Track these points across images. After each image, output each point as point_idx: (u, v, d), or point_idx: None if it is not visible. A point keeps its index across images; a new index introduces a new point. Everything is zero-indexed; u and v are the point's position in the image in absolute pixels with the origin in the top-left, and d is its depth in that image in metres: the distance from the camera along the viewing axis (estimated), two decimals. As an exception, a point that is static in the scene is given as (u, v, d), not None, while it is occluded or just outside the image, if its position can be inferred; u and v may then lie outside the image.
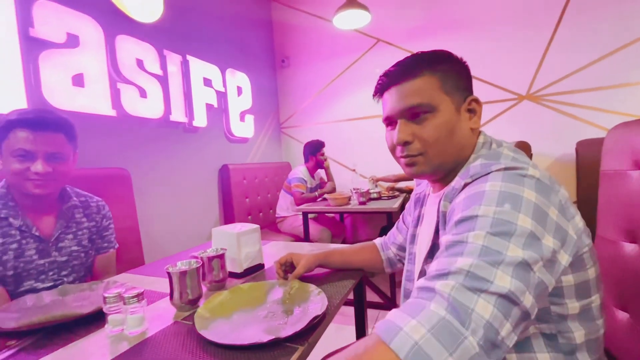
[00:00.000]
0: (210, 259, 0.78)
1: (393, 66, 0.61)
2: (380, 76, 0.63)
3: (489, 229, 0.40)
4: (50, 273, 0.94)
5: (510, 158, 0.51)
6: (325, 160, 2.66)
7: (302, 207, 2.28)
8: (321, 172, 2.80)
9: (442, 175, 0.61)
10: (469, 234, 0.41)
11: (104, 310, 0.61)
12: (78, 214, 1.02)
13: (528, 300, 0.37)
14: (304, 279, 0.79)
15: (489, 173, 0.47)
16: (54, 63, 1.38)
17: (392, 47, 2.85)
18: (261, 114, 3.00)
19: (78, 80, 1.48)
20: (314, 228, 2.37)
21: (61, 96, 1.41)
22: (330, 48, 3.09)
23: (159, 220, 1.92)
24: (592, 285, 0.47)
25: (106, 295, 0.61)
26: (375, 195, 2.38)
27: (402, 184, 2.70)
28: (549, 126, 2.39)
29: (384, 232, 2.62)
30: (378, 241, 0.92)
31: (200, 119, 2.21)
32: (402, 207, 2.25)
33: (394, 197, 2.46)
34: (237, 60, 2.70)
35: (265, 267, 0.95)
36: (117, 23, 1.68)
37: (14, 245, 0.87)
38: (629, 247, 0.73)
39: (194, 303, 0.70)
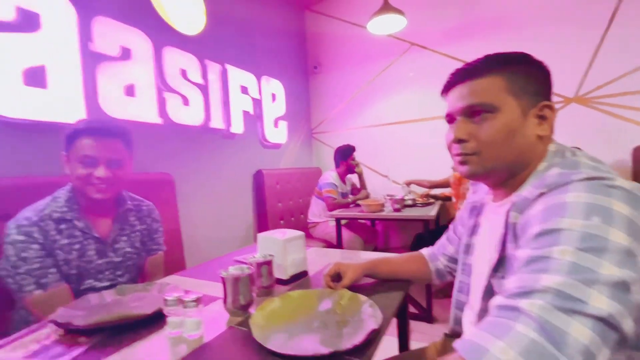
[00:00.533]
0: (260, 264, 0.79)
1: (464, 65, 0.59)
2: (450, 74, 0.62)
3: (578, 244, 0.37)
4: (107, 272, 0.99)
5: (591, 167, 0.47)
6: (357, 165, 2.64)
7: (334, 212, 2.27)
8: (352, 178, 2.79)
9: (498, 180, 0.58)
10: (554, 248, 0.38)
11: (164, 312, 0.64)
12: (131, 217, 1.07)
13: (627, 325, 0.34)
14: (351, 289, 0.78)
15: (568, 183, 0.44)
16: (109, 75, 1.48)
17: (426, 50, 2.80)
18: (293, 120, 3.04)
19: (129, 91, 1.57)
20: (346, 234, 2.36)
21: (115, 105, 1.50)
22: (362, 54, 3.08)
23: (198, 223, 1.99)
24: None
25: (166, 298, 0.63)
26: (409, 202, 2.33)
27: (436, 191, 2.62)
28: (600, 131, 2.23)
29: (418, 239, 2.57)
30: (425, 251, 0.89)
31: (237, 126, 2.27)
32: (438, 215, 2.18)
33: (429, 204, 2.39)
34: (272, 67, 2.76)
35: (309, 274, 0.95)
36: (164, 36, 1.78)
37: (77, 246, 0.93)
38: None
39: (245, 309, 0.71)
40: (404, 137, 2.96)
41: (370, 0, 2.73)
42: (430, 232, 2.44)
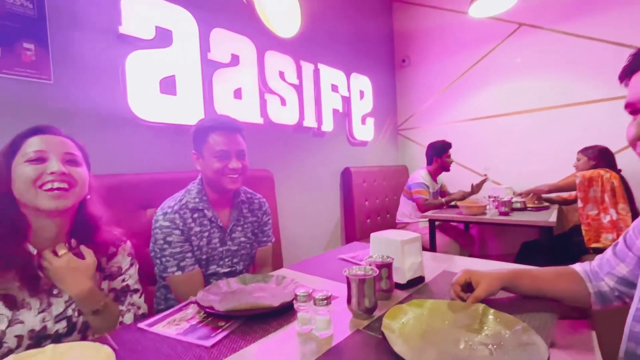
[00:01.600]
0: (380, 266, 0.76)
1: None
2: (630, 55, 0.49)
3: None
4: (227, 259, 1.07)
5: None
6: (451, 163, 2.43)
7: (428, 214, 2.13)
8: (444, 176, 2.58)
9: None
10: None
11: (295, 307, 0.64)
12: (245, 209, 1.14)
13: None
14: (485, 303, 0.68)
15: None
16: (221, 80, 1.63)
17: (539, 30, 2.42)
18: (380, 116, 2.96)
19: (237, 94, 1.71)
20: (440, 238, 2.19)
21: (226, 108, 1.64)
22: (457, 42, 2.82)
23: (292, 219, 2.07)
24: None
25: (298, 293, 0.64)
26: (518, 205, 2.04)
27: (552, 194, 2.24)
28: None
29: (526, 248, 2.24)
30: (580, 268, 0.73)
31: (328, 124, 2.29)
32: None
33: (544, 208, 2.06)
34: (360, 64, 2.72)
35: (426, 280, 0.88)
36: (266, 40, 1.89)
37: (206, 234, 1.02)
38: None
39: (370, 312, 0.68)
40: (507, 132, 2.62)
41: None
42: (542, 241, 2.11)
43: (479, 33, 2.68)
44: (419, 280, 0.86)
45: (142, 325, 0.69)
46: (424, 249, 2.22)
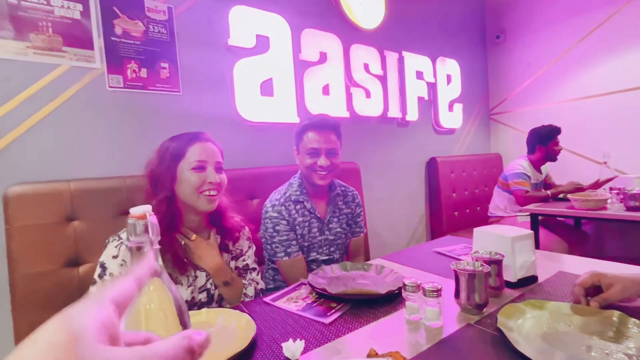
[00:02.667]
0: (487, 263, 0.74)
1: None
2: None
3: None
4: (325, 248, 1.16)
5: None
6: (560, 151, 2.13)
7: (529, 207, 1.92)
8: (548, 166, 2.27)
9: None
10: None
11: (403, 295, 0.68)
12: (340, 202, 1.21)
13: None
14: (615, 309, 0.61)
15: None
16: (311, 78, 1.72)
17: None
18: (469, 101, 2.74)
19: (325, 90, 1.78)
20: (544, 235, 1.96)
21: (315, 104, 1.74)
22: (566, 7, 2.42)
23: (377, 211, 2.10)
24: None
25: (406, 282, 0.67)
26: (652, 199, 1.69)
27: None
28: None
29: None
30: None
31: (412, 113, 2.23)
32: None
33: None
34: (447, 46, 2.55)
35: (539, 279, 0.82)
36: (350, 34, 1.91)
37: (307, 223, 1.13)
38: None
39: (481, 308, 0.67)
40: (632, 110, 2.17)
41: None
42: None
43: (598, -6, 2.25)
44: (532, 279, 0.81)
45: (267, 299, 0.81)
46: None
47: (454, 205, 2.47)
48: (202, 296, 0.87)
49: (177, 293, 0.29)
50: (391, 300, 0.76)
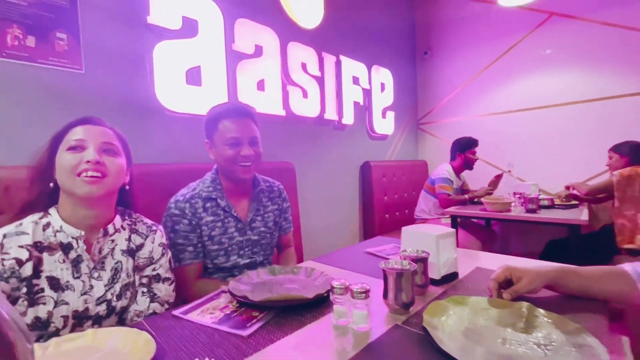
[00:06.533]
0: (415, 261, 0.73)
1: None
2: None
3: None
4: (247, 249, 1.05)
5: None
6: (476, 160, 2.37)
7: (450, 209, 2.08)
8: (465, 173, 2.51)
9: None
10: None
11: (331, 299, 0.63)
12: (264, 198, 1.11)
13: None
14: (525, 300, 0.65)
15: None
16: (245, 71, 1.62)
17: (571, 20, 2.30)
18: (400, 110, 2.90)
19: (260, 85, 1.70)
20: (461, 234, 2.14)
21: (249, 99, 1.64)
22: (482, 33, 2.73)
23: (312, 212, 2.06)
24: None
25: (334, 285, 0.62)
26: (545, 203, 1.97)
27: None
28: None
29: (551, 246, 2.16)
30: (630, 268, 0.69)
31: (348, 117, 2.27)
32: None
33: (573, 206, 1.98)
34: (382, 56, 2.67)
35: (459, 276, 0.85)
36: (288, 31, 1.86)
37: (220, 223, 1.01)
38: None
39: (407, 307, 0.66)
40: (533, 127, 2.53)
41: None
42: (571, 239, 2.03)
43: (507, 23, 2.58)
44: (454, 276, 0.83)
45: (176, 312, 0.69)
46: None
47: (385, 208, 2.57)
48: (101, 308, 0.71)
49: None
50: (319, 304, 0.71)
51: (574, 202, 2.06)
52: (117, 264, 0.76)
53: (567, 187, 2.08)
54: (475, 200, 2.24)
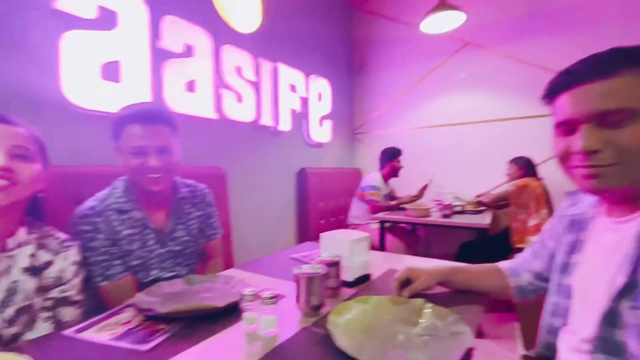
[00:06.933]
0: (329, 264, 0.77)
1: (578, 63, 0.52)
2: (558, 73, 0.55)
3: None
4: (168, 262, 0.98)
5: None
6: (401, 168, 2.57)
7: (379, 215, 2.22)
8: (394, 181, 2.70)
9: (629, 195, 0.51)
10: None
11: (241, 306, 0.63)
12: (187, 205, 1.04)
13: None
14: (422, 297, 0.73)
15: None
16: (173, 71, 1.54)
17: (482, 50, 2.65)
18: (337, 119, 3.02)
19: (190, 86, 1.63)
20: (389, 238, 2.29)
21: (178, 100, 1.56)
22: (410, 53, 2.99)
23: (245, 219, 2.02)
24: None
25: (244, 292, 0.62)
26: (458, 209, 2.22)
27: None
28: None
29: (464, 248, 2.44)
30: (503, 265, 0.82)
31: (285, 124, 2.29)
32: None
33: (480, 212, 2.26)
34: (320, 67, 2.75)
35: (372, 277, 0.92)
36: (223, 34, 1.83)
37: (137, 237, 0.92)
38: None
39: (318, 309, 0.69)
40: (452, 141, 2.83)
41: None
42: (478, 241, 2.31)
43: (430, 47, 2.86)
44: (366, 278, 0.89)
45: (68, 332, 0.62)
46: (375, 248, 2.32)
47: (321, 214, 2.63)
48: None
49: None
50: (232, 313, 0.70)
51: (481, 208, 2.35)
52: (13, 284, 0.66)
53: (477, 196, 2.38)
54: (401, 206, 2.42)
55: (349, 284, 0.85)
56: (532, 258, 0.76)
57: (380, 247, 2.19)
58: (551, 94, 0.56)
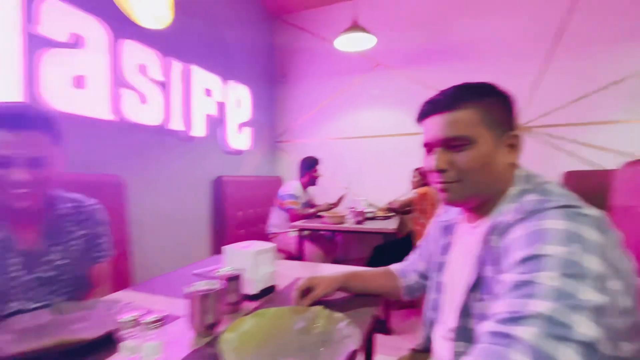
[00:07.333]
0: (229, 279, 0.74)
1: (437, 94, 0.62)
2: (424, 102, 0.64)
3: (561, 269, 0.39)
4: (39, 290, 0.82)
5: (562, 194, 0.51)
6: (319, 177, 2.65)
7: (297, 223, 2.24)
8: (312, 190, 2.77)
9: (475, 205, 0.61)
10: (540, 274, 0.40)
11: (118, 336, 0.56)
12: (68, 223, 0.90)
13: (605, 348, 0.36)
14: (323, 303, 0.76)
15: (546, 210, 0.47)
16: (55, 62, 1.32)
17: (391, 71, 2.93)
18: (258, 127, 2.98)
19: (79, 82, 1.42)
20: (308, 246, 2.33)
21: (60, 97, 1.34)
22: (330, 68, 3.14)
23: (151, 232, 1.83)
24: None
25: (122, 320, 0.56)
26: (370, 215, 2.38)
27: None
28: (537, 155, 2.51)
29: (377, 251, 2.62)
30: (395, 267, 0.90)
31: (198, 129, 2.16)
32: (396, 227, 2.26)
33: (389, 217, 2.47)
34: (239, 72, 2.69)
35: (277, 288, 0.91)
36: (125, 27, 1.64)
37: None
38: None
39: (212, 328, 0.65)
40: (366, 152, 3.04)
41: (340, 17, 2.82)
42: (388, 244, 2.52)
43: (348, 64, 3.05)
44: (271, 289, 0.88)
45: None
46: (293, 257, 2.33)
47: (240, 224, 2.54)
48: None
49: None
50: (110, 344, 0.62)
51: (391, 214, 2.57)
52: None
53: (388, 203, 2.59)
54: (319, 214, 2.49)
55: (252, 297, 0.83)
56: (418, 259, 0.85)
57: (299, 255, 2.21)
58: (419, 118, 0.65)
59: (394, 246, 2.52)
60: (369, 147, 3.04)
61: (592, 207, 0.48)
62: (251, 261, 0.82)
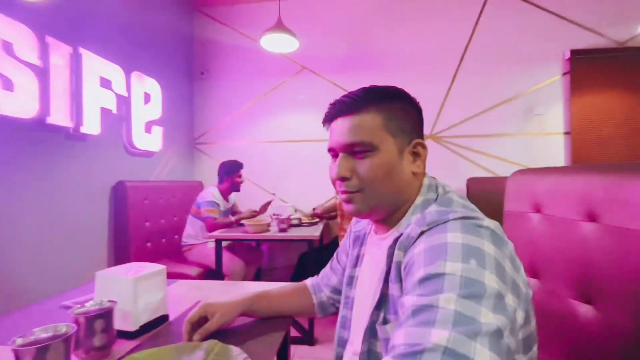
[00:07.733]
0: (91, 318, 0.57)
1: (342, 96, 0.57)
2: (329, 104, 0.58)
3: (459, 290, 0.36)
4: None
5: (462, 205, 0.50)
6: (242, 182, 2.49)
7: (215, 233, 2.05)
8: (234, 196, 2.59)
9: (380, 216, 0.58)
10: (439, 296, 0.36)
11: None
12: None
13: None
14: (223, 333, 0.64)
15: (446, 222, 0.44)
16: None
17: (315, 75, 2.93)
18: (172, 126, 2.68)
19: None
20: (227, 257, 2.15)
21: None
22: (255, 67, 3.01)
23: (20, 251, 1.46)
24: (534, 336, 0.47)
25: None
26: (295, 222, 2.31)
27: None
28: (444, 163, 2.76)
29: (302, 259, 2.56)
30: (309, 282, 0.83)
31: (92, 125, 1.82)
32: (322, 234, 2.23)
33: (314, 223, 2.43)
34: (148, 64, 2.37)
35: (170, 318, 0.76)
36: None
37: None
38: (531, 282, 0.81)
39: (57, 391, 0.48)
40: (292, 156, 2.98)
41: (267, 17, 2.71)
42: (314, 251, 2.48)
43: (274, 65, 2.96)
44: (161, 320, 0.73)
45: None
46: (210, 270, 2.12)
47: (146, 235, 2.22)
48: None
49: None
50: None
51: (316, 220, 2.54)
52: None
53: (313, 209, 2.56)
54: (242, 222, 2.32)
55: (132, 335, 0.67)
56: (330, 273, 0.79)
57: (217, 267, 2.02)
58: (324, 121, 0.59)
59: (320, 253, 2.49)
60: (296, 151, 2.98)
61: (488, 217, 0.47)
62: (129, 290, 0.66)
